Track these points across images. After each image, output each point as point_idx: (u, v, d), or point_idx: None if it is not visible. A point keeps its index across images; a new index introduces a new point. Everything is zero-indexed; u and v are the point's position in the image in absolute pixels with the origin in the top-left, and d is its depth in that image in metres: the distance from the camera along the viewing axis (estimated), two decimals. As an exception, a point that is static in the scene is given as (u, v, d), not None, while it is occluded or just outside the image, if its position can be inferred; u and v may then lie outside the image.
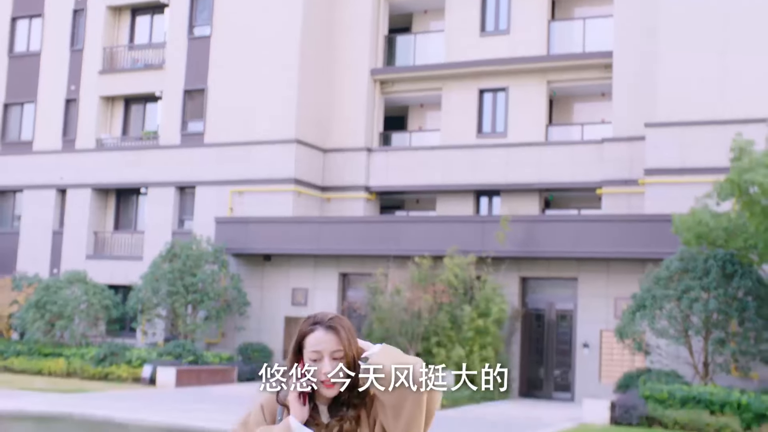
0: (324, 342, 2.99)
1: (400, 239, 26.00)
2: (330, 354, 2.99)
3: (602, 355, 24.10)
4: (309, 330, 3.04)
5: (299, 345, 3.06)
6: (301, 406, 3.00)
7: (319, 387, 3.01)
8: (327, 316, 3.08)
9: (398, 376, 2.88)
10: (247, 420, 3.17)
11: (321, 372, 2.98)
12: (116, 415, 17.39)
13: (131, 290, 28.80)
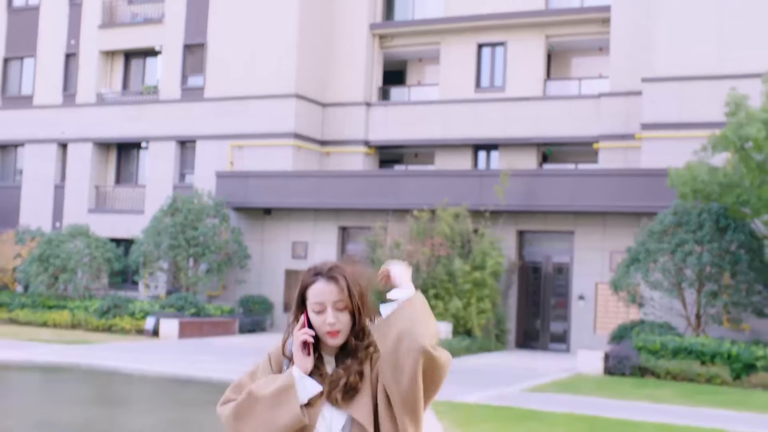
0: (326, 293, 2.94)
1: (399, 193, 26.30)
2: (332, 304, 2.94)
3: (597, 307, 24.54)
4: (311, 281, 2.99)
5: (302, 296, 3.02)
6: (305, 357, 2.96)
7: (324, 337, 2.97)
8: (327, 266, 3.02)
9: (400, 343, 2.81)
10: (255, 371, 3.11)
11: (325, 323, 2.94)
12: (122, 365, 17.81)
13: (133, 244, 29.16)
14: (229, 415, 2.93)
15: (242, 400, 2.92)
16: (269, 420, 2.88)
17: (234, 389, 3.02)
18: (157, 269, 28.15)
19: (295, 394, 2.88)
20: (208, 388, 15.48)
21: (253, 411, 2.90)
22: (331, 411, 2.94)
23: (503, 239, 24.94)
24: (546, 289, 25.81)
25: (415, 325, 2.82)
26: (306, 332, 2.93)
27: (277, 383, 2.92)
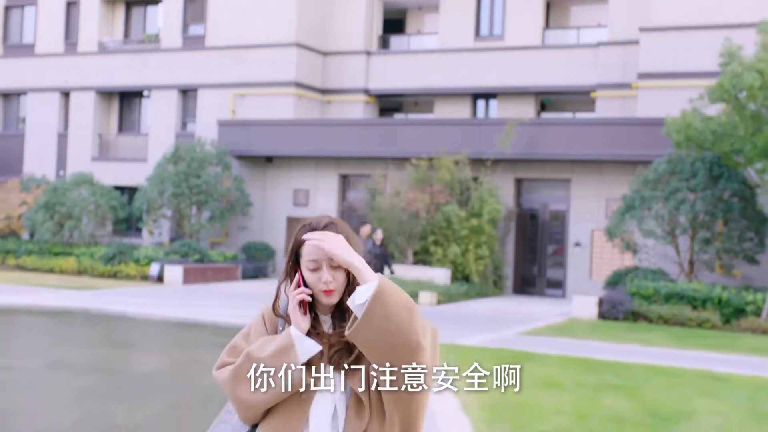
0: (321, 251, 2.82)
1: (398, 141, 26.64)
2: (328, 262, 2.83)
3: (593, 253, 25.03)
4: (305, 238, 2.87)
5: (295, 253, 2.91)
6: (302, 317, 2.86)
7: (319, 296, 2.87)
8: (322, 222, 2.90)
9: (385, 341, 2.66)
10: (249, 332, 3.00)
11: (320, 281, 2.84)
12: (129, 310, 18.32)
13: (137, 191, 29.57)
14: (227, 378, 2.85)
15: (240, 363, 2.83)
16: (269, 382, 2.80)
17: (229, 352, 2.94)
18: (161, 217, 28.59)
19: (295, 355, 2.80)
20: (213, 331, 16.01)
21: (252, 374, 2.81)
22: (331, 371, 2.86)
23: (501, 187, 25.36)
24: (543, 236, 26.29)
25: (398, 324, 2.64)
26: (302, 291, 2.84)
27: (276, 344, 2.83)
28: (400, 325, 2.63)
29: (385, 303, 2.64)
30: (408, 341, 2.63)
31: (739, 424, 9.26)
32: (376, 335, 2.64)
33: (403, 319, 2.64)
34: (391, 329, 2.63)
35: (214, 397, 9.67)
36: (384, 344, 2.65)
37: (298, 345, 2.80)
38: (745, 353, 15.27)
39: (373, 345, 2.66)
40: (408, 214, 24.06)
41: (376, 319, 2.63)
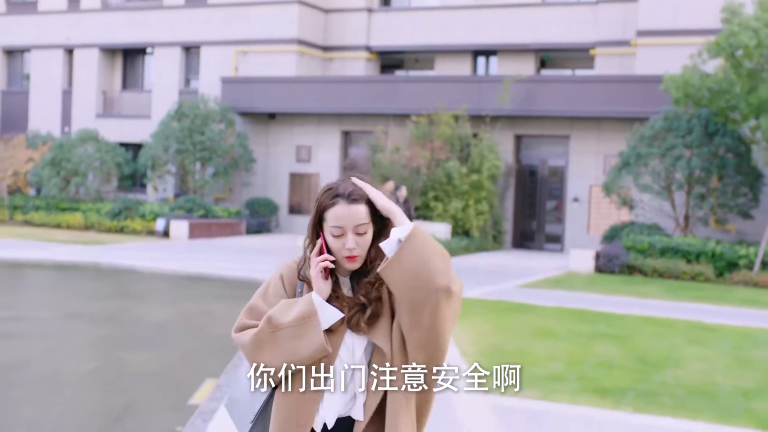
0: (347, 217, 2.81)
1: (400, 98, 26.97)
2: (353, 229, 2.82)
3: (591, 209, 25.49)
4: (330, 204, 2.84)
5: (319, 217, 2.88)
6: (324, 282, 2.84)
7: (342, 261, 2.85)
8: (348, 188, 2.86)
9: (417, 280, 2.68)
10: (266, 291, 2.97)
11: (344, 247, 2.82)
12: (137, 264, 18.83)
13: (142, 148, 29.95)
14: (249, 343, 2.82)
15: (262, 329, 2.80)
16: (292, 350, 2.77)
17: (248, 313, 2.91)
18: (165, 173, 28.99)
19: (318, 323, 2.77)
20: (220, 284, 16.52)
21: (274, 340, 2.79)
22: (352, 336, 2.85)
23: (501, 143, 25.75)
24: (542, 192, 26.73)
25: (427, 265, 2.69)
26: (326, 258, 2.83)
27: (298, 310, 2.81)
28: (432, 266, 2.67)
29: (419, 243, 2.70)
30: (438, 283, 2.65)
31: (723, 370, 9.77)
32: (407, 273, 2.67)
33: (436, 262, 2.69)
34: (423, 269, 2.66)
35: (226, 345, 10.18)
36: (414, 283, 2.66)
37: (320, 312, 2.79)
38: (735, 305, 15.77)
39: (403, 283, 2.67)
40: (409, 169, 24.47)
41: (409, 257, 2.67)
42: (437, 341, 2.71)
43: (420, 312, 2.67)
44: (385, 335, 2.81)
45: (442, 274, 2.68)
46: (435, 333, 2.70)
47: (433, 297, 2.65)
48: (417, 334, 2.71)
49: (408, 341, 2.75)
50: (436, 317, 2.68)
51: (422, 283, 2.65)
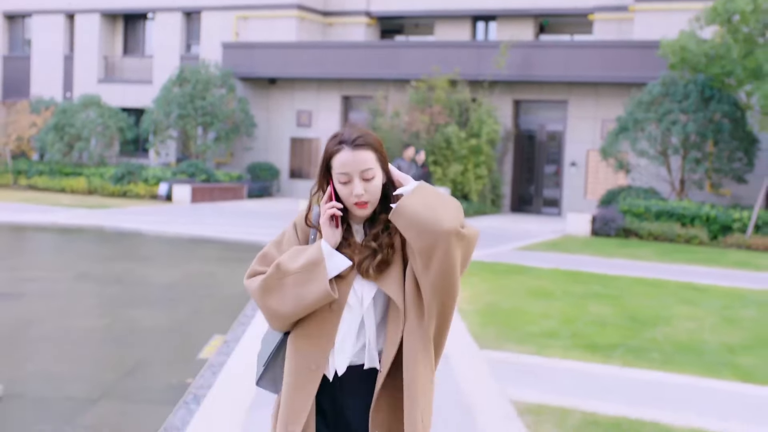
0: (352, 163, 2.81)
1: (400, 63, 27.17)
2: (359, 174, 2.82)
3: (588, 173, 25.79)
4: (335, 150, 2.84)
5: (327, 165, 2.89)
6: (333, 230, 2.86)
7: (352, 208, 2.87)
8: (353, 134, 2.85)
9: (427, 222, 2.70)
10: (281, 240, 3.01)
11: (351, 194, 2.83)
12: (142, 227, 19.17)
13: (143, 113, 30.19)
14: (257, 288, 2.87)
15: (271, 274, 2.84)
16: (298, 295, 2.81)
17: (260, 260, 2.96)
18: (167, 138, 29.26)
19: (324, 270, 2.80)
20: (224, 247, 16.87)
21: (281, 286, 2.83)
22: (362, 283, 2.87)
23: (500, 108, 26.01)
24: (540, 156, 27.03)
25: (435, 210, 2.72)
26: (333, 206, 2.85)
27: (306, 257, 2.84)
28: (440, 211, 2.71)
29: (427, 191, 2.77)
30: (447, 226, 2.68)
31: (710, 327, 10.14)
32: (416, 217, 2.70)
33: (445, 207, 2.74)
34: (431, 213, 2.69)
35: (231, 304, 10.54)
36: (423, 227, 2.69)
37: (327, 260, 2.81)
38: (727, 267, 16.13)
39: (413, 228, 2.71)
40: (408, 134, 24.74)
41: (417, 202, 2.72)
42: (449, 283, 2.74)
43: (431, 255, 2.70)
44: (398, 286, 2.83)
45: (451, 218, 2.70)
46: (447, 275, 2.72)
47: (443, 240, 2.67)
48: (430, 278, 2.73)
49: (422, 286, 2.77)
50: (447, 259, 2.70)
51: (431, 227, 2.68)
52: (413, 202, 2.72)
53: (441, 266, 2.70)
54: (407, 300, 2.82)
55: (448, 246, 2.68)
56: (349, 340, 2.87)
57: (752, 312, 11.40)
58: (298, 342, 2.86)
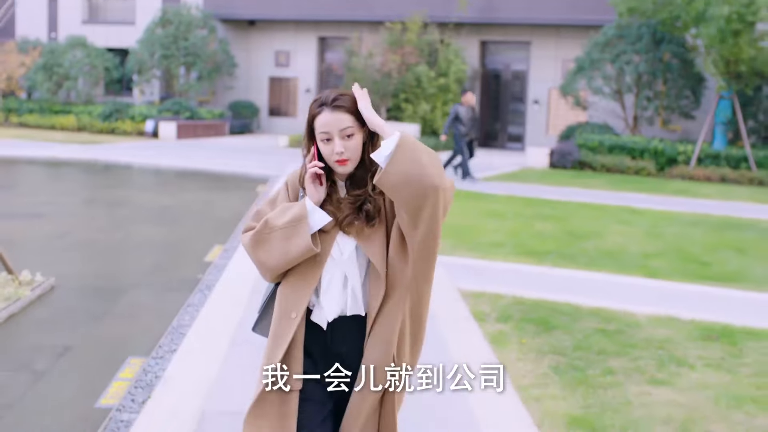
0: (331, 123, 2.94)
1: (373, 6, 28.60)
2: (339, 133, 2.94)
3: (550, 110, 27.53)
4: (317, 112, 2.98)
5: (311, 127, 3.02)
6: (317, 188, 3.00)
7: (334, 166, 3.00)
8: (331, 96, 2.98)
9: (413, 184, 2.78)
10: (275, 198, 3.18)
11: (333, 152, 2.96)
12: (134, 160, 20.75)
13: (127, 53, 31.49)
14: (249, 242, 3.05)
15: (260, 229, 3.02)
16: (283, 249, 2.97)
17: (254, 217, 3.12)
18: (152, 77, 30.62)
19: (306, 226, 2.95)
20: (212, 178, 18.50)
21: (268, 240, 3.00)
22: (344, 237, 3.01)
23: (467, 49, 27.59)
24: (505, 95, 28.71)
25: (421, 167, 2.79)
26: (315, 164, 2.98)
27: (290, 214, 2.99)
28: (424, 169, 2.78)
29: (409, 150, 2.80)
30: (432, 183, 2.76)
31: (635, 240, 11.96)
32: (402, 177, 2.78)
33: (427, 164, 2.79)
34: (416, 173, 2.77)
35: (226, 223, 12.23)
36: (409, 187, 2.77)
37: (310, 216, 2.96)
38: (667, 194, 17.97)
39: (400, 189, 2.79)
40: (381, 74, 26.30)
41: (401, 163, 2.78)
42: (435, 234, 2.87)
43: (419, 214, 2.81)
44: (380, 249, 3.00)
45: (434, 174, 2.79)
46: (433, 229, 2.85)
47: (430, 196, 2.78)
48: (418, 235, 2.86)
49: (409, 240, 2.90)
50: (434, 214, 2.82)
51: (417, 186, 2.77)
52: (400, 166, 2.79)
53: (428, 222, 2.83)
54: (394, 253, 2.98)
55: (435, 202, 2.79)
56: (335, 290, 3.04)
57: (676, 229, 13.22)
58: (283, 291, 3.05)
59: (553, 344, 6.79)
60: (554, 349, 6.67)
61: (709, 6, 20.04)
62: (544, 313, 7.70)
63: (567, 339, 6.94)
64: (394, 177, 2.79)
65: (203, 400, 5.29)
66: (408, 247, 2.92)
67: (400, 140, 2.82)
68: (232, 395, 5.41)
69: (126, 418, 5.02)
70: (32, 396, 5.45)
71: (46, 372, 5.89)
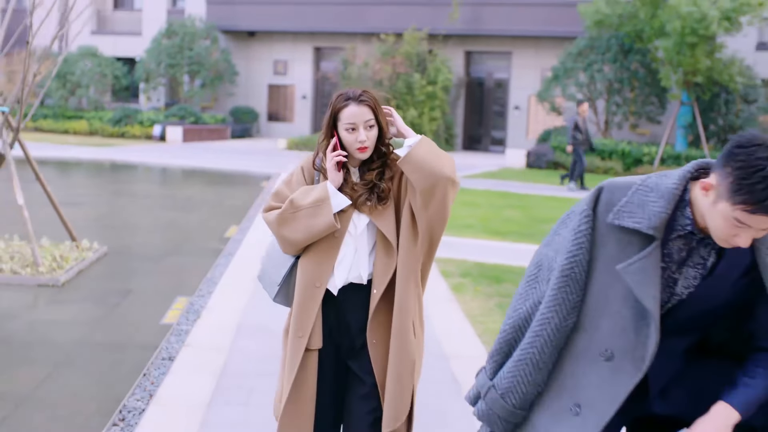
0: (358, 114, 3.27)
1: (367, 19, 30.75)
2: (364, 124, 3.28)
3: (529, 116, 29.68)
4: (343, 105, 3.31)
5: (333, 119, 3.34)
6: (337, 174, 3.32)
7: (354, 153, 3.33)
8: (357, 92, 3.32)
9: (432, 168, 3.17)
10: (291, 180, 3.49)
11: (356, 141, 3.29)
12: (148, 160, 22.78)
13: (134, 62, 33.56)
14: (274, 221, 3.37)
15: (285, 209, 3.33)
16: (308, 226, 3.31)
17: (274, 197, 3.46)
18: (158, 85, 32.68)
19: (329, 206, 3.28)
20: (220, 176, 20.54)
21: (294, 218, 3.33)
22: (359, 215, 3.37)
23: (453, 59, 29.75)
24: (488, 101, 30.90)
25: (438, 159, 3.21)
26: (339, 153, 3.32)
27: (314, 195, 3.32)
28: (441, 160, 3.22)
29: (430, 144, 3.27)
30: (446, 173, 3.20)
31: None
32: (422, 162, 3.20)
33: (444, 158, 3.25)
34: (434, 161, 3.20)
35: (237, 210, 14.27)
36: (427, 171, 3.19)
37: (332, 198, 3.30)
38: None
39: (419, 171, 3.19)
40: (374, 82, 28.39)
41: (423, 151, 3.22)
42: (442, 217, 3.28)
43: (431, 195, 3.21)
44: (390, 222, 3.36)
45: (449, 167, 3.23)
46: (441, 212, 3.26)
47: (442, 183, 3.19)
48: (428, 214, 3.26)
49: (419, 220, 3.29)
50: (444, 199, 3.23)
51: (434, 172, 3.18)
52: (421, 152, 3.22)
53: (438, 205, 3.23)
54: (403, 231, 3.34)
55: (446, 188, 3.21)
56: (347, 260, 3.40)
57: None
58: (306, 264, 3.40)
59: (500, 291, 8.85)
60: (501, 294, 8.73)
61: (668, 21, 22.14)
62: (498, 273, 9.76)
63: (513, 288, 9.00)
64: (416, 159, 3.20)
65: (239, 317, 7.36)
66: (418, 226, 3.30)
67: (423, 137, 3.30)
68: (257, 316, 7.46)
69: (185, 328, 7.07)
70: (112, 318, 7.50)
71: (118, 304, 7.95)
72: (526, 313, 2.71)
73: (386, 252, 3.35)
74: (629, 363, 2.52)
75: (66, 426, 5.02)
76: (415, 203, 3.27)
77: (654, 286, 2.48)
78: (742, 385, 2.52)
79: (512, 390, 2.67)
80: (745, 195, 2.28)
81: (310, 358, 3.40)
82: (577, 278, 2.59)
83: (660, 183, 2.52)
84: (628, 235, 2.54)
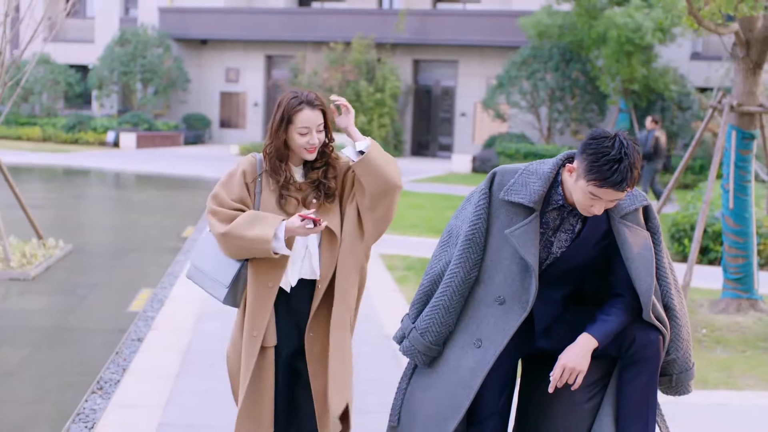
0: (312, 119, 3.39)
1: (317, 27, 31.49)
2: (316, 128, 3.42)
3: (476, 122, 30.65)
4: (298, 108, 3.40)
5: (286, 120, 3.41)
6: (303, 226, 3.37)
7: (302, 154, 3.46)
8: (311, 97, 3.43)
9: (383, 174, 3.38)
10: (228, 181, 3.55)
11: (308, 143, 3.42)
12: (103, 166, 23.28)
13: (87, 69, 33.92)
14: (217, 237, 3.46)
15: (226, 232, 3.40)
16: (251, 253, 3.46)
17: (212, 200, 3.51)
18: (111, 92, 33.08)
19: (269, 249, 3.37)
20: (174, 181, 21.09)
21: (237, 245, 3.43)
22: None
23: (401, 67, 30.60)
24: (435, 108, 31.82)
25: (388, 164, 3.42)
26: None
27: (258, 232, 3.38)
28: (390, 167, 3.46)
29: (380, 150, 3.47)
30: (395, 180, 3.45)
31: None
32: (375, 168, 3.40)
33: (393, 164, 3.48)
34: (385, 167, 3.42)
35: (191, 211, 14.91)
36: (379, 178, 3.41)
37: (275, 243, 3.37)
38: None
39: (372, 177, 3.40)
40: (323, 89, 29.10)
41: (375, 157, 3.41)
42: (387, 219, 3.54)
43: (380, 199, 3.44)
44: (336, 219, 3.52)
45: (396, 173, 3.46)
46: (388, 214, 3.52)
47: (391, 189, 3.44)
48: (375, 216, 3.50)
49: (365, 219, 3.51)
50: (390, 204, 3.49)
51: (386, 179, 3.41)
52: (375, 156, 3.40)
53: (385, 208, 3.48)
54: (348, 228, 3.52)
55: (393, 195, 3.46)
56: (299, 259, 3.52)
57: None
58: (258, 266, 3.49)
59: (440, 282, 9.61)
60: (440, 284, 9.49)
61: (606, 30, 23.16)
62: (439, 266, 10.52)
63: (451, 279, 9.77)
64: (371, 164, 3.39)
65: (200, 305, 8.05)
66: (364, 225, 3.52)
67: (372, 141, 3.46)
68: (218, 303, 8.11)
69: (151, 315, 7.74)
70: (83, 307, 8.14)
71: (86, 296, 8.58)
72: (439, 270, 3.48)
73: (331, 247, 3.51)
74: (517, 305, 3.31)
75: (57, 393, 5.65)
76: (363, 203, 3.48)
77: (534, 246, 3.27)
78: (600, 321, 3.31)
79: (429, 329, 3.44)
80: (596, 174, 3.08)
81: (266, 356, 3.53)
82: (477, 241, 3.37)
83: (539, 168, 3.33)
84: (515, 207, 3.34)
